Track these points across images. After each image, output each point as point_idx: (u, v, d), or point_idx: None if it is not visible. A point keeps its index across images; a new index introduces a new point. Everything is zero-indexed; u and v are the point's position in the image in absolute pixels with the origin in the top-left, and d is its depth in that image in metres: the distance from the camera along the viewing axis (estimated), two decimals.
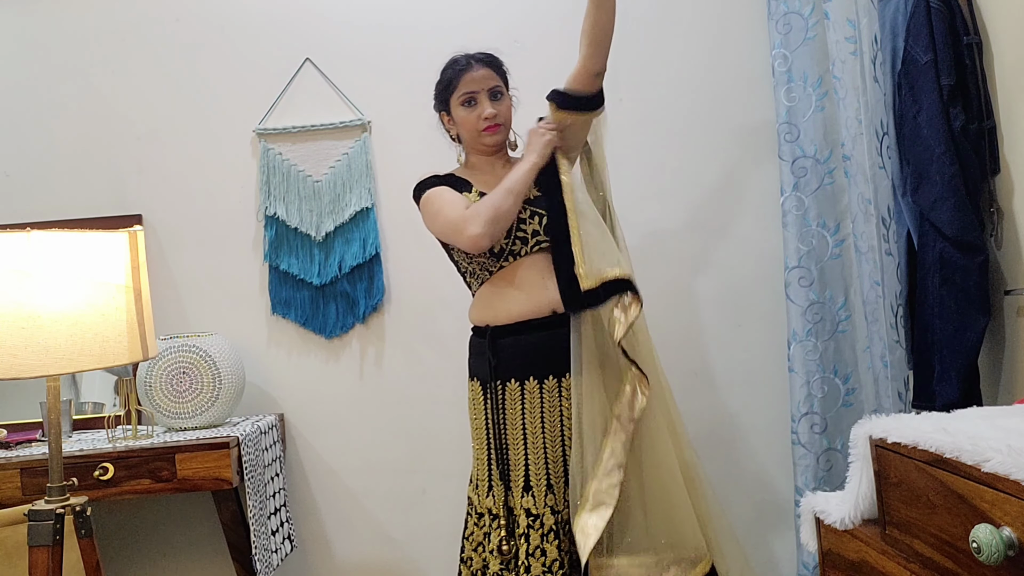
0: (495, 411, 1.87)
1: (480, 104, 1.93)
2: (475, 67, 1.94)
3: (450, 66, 1.98)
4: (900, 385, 2.05)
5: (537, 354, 1.85)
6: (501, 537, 1.81)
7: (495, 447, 1.86)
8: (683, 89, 2.58)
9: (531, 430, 1.84)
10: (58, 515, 1.54)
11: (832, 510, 1.39)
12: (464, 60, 1.96)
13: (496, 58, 1.99)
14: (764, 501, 2.53)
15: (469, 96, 1.94)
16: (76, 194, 2.62)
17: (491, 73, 1.95)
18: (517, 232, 1.88)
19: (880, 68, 2.07)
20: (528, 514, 1.80)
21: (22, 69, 2.65)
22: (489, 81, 1.94)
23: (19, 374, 1.47)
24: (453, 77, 1.95)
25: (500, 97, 1.96)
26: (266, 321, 2.61)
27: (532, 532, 1.79)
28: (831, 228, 2.32)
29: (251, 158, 2.63)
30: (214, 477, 2.14)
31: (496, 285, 1.92)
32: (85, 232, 1.55)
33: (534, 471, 1.82)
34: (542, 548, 1.77)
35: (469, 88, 1.93)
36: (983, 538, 0.95)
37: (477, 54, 1.97)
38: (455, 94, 1.95)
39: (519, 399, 1.85)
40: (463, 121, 1.96)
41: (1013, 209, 1.89)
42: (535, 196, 1.91)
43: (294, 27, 2.62)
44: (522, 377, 1.86)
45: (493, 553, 1.82)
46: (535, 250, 1.89)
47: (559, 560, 1.76)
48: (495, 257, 1.89)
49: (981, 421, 1.17)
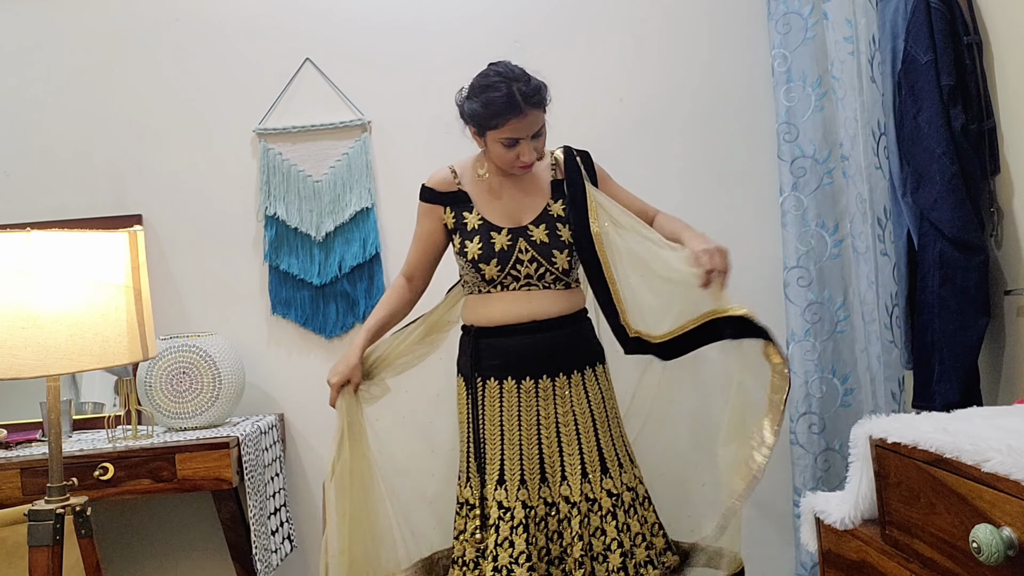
0: (474, 407, 1.90)
1: (521, 146, 1.82)
2: (526, 111, 1.78)
3: (494, 96, 1.78)
4: (894, 385, 2.05)
5: (515, 356, 1.86)
6: (476, 526, 1.85)
7: (473, 440, 1.90)
8: (683, 89, 2.58)
9: (508, 427, 1.86)
10: (58, 515, 1.54)
11: (832, 510, 1.39)
12: (515, 98, 1.76)
13: (544, 94, 1.83)
14: (762, 501, 2.53)
15: (512, 140, 1.81)
16: (76, 194, 2.62)
17: (539, 116, 1.82)
18: (511, 270, 1.87)
19: (878, 68, 2.07)
20: (500, 506, 1.83)
21: (22, 69, 2.65)
22: (535, 125, 1.82)
23: (19, 374, 1.47)
24: (500, 115, 1.78)
25: (540, 135, 1.85)
26: (266, 321, 2.61)
27: (502, 524, 1.82)
28: (830, 228, 2.32)
29: (251, 158, 2.63)
30: (214, 477, 2.15)
31: (484, 295, 1.92)
32: (85, 232, 1.55)
33: (509, 466, 1.85)
34: (510, 540, 1.80)
35: (515, 135, 1.80)
36: (983, 538, 0.95)
37: (529, 91, 1.78)
38: (496, 132, 1.81)
39: (497, 397, 1.88)
40: (499, 156, 1.85)
41: (1013, 209, 1.89)
42: (542, 242, 1.87)
43: (294, 27, 2.62)
44: (501, 377, 1.88)
45: (468, 541, 1.86)
46: (522, 289, 1.89)
47: (526, 552, 1.78)
48: (485, 282, 1.90)
49: (981, 421, 1.17)
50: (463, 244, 1.91)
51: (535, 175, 1.96)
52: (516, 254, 1.87)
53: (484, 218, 1.90)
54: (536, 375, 1.86)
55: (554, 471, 1.85)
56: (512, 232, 1.88)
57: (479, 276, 1.89)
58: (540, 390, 1.87)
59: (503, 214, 1.91)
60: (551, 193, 1.94)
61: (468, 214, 1.92)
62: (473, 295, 1.95)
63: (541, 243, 1.87)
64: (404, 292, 2.04)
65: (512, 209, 1.92)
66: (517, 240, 1.87)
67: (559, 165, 1.96)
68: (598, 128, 2.55)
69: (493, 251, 1.87)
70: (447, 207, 1.96)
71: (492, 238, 1.88)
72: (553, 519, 1.84)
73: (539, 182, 1.95)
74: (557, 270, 1.87)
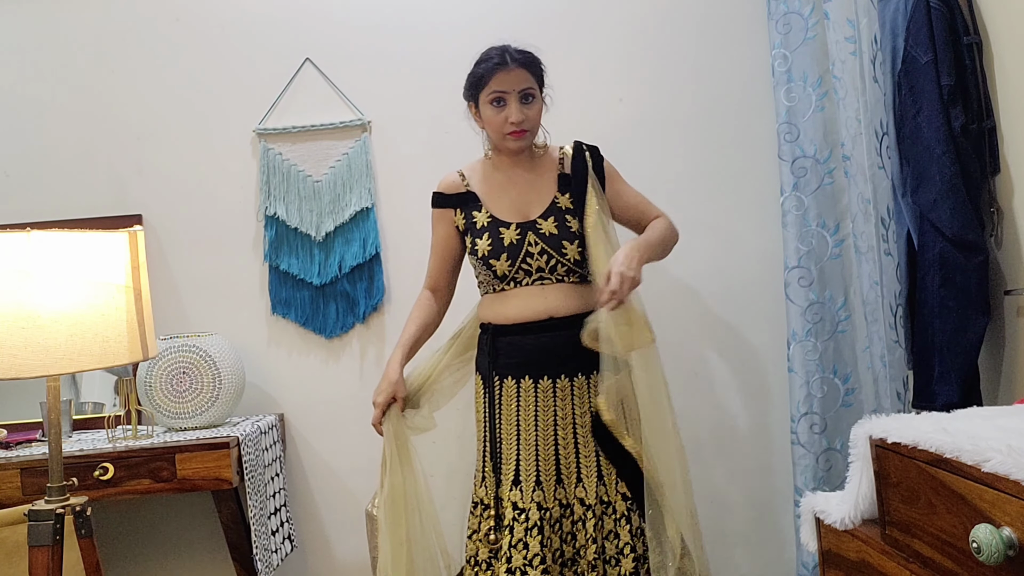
0: (491, 406, 1.89)
1: (509, 106, 1.85)
2: (510, 66, 1.84)
3: (485, 59, 1.87)
4: (899, 385, 2.05)
5: (533, 355, 1.86)
6: (490, 527, 1.84)
7: (490, 440, 1.89)
8: (683, 89, 2.58)
9: (524, 427, 1.86)
10: (58, 515, 1.54)
11: (832, 510, 1.39)
12: (499, 56, 1.86)
13: (534, 57, 1.90)
14: (764, 501, 2.53)
15: (498, 96, 1.85)
16: (76, 194, 2.62)
17: (526, 75, 1.86)
18: (522, 264, 1.87)
19: (880, 68, 2.07)
20: (515, 507, 1.83)
21: (22, 69, 2.65)
22: (522, 83, 1.85)
23: (19, 374, 1.47)
24: (485, 73, 1.85)
25: (531, 100, 1.88)
26: (266, 321, 2.61)
27: (516, 525, 1.81)
28: (831, 228, 2.32)
29: (251, 158, 2.63)
30: (214, 477, 2.14)
31: (499, 293, 1.93)
32: (85, 232, 1.55)
33: (524, 467, 1.85)
34: (525, 542, 1.79)
35: (500, 87, 1.84)
36: (983, 538, 0.95)
37: (515, 51, 1.87)
38: (485, 90, 1.86)
39: (515, 396, 1.87)
40: (489, 120, 1.89)
41: (1013, 209, 1.89)
42: (551, 234, 1.87)
43: (294, 27, 2.62)
44: (518, 375, 1.87)
45: (482, 541, 1.86)
46: (535, 283, 1.89)
47: (540, 555, 1.78)
48: (498, 279, 1.90)
49: (981, 421, 1.17)
50: (473, 242, 1.92)
51: (542, 169, 1.96)
52: (526, 247, 1.87)
53: (492, 215, 1.91)
54: (554, 375, 1.85)
55: (569, 472, 1.84)
56: (521, 227, 1.89)
57: (491, 273, 1.89)
58: (558, 390, 1.85)
59: (511, 209, 1.92)
60: (558, 187, 1.94)
61: (477, 213, 1.93)
62: (489, 294, 1.95)
63: (550, 235, 1.87)
64: (431, 304, 2.04)
65: (520, 204, 1.93)
66: (526, 234, 1.88)
67: (567, 159, 1.96)
68: (598, 128, 2.54)
69: (503, 246, 1.87)
70: (457, 209, 1.97)
71: (501, 234, 1.88)
72: (568, 521, 1.83)
73: (546, 176, 1.95)
74: (569, 261, 1.87)
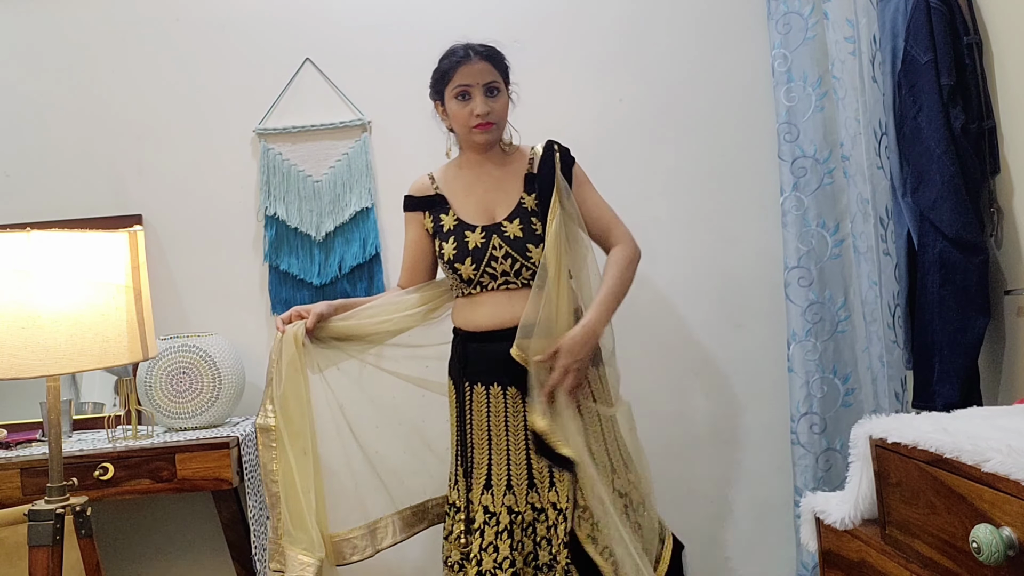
0: (461, 411, 1.91)
1: (474, 99, 1.87)
2: (473, 59, 1.86)
3: (448, 55, 1.90)
4: (897, 385, 2.05)
5: (500, 363, 1.81)
6: (461, 530, 1.85)
7: (461, 444, 1.90)
8: (683, 89, 2.58)
9: (495, 432, 1.86)
10: (58, 515, 1.54)
11: (832, 510, 1.39)
12: (463, 51, 1.88)
13: (496, 51, 1.92)
14: (764, 501, 2.53)
15: (463, 90, 1.87)
16: (76, 194, 2.62)
17: (489, 68, 1.88)
18: (487, 268, 1.86)
19: (879, 68, 2.07)
20: (486, 511, 1.83)
21: (22, 69, 2.65)
22: (486, 76, 1.87)
23: (19, 374, 1.47)
24: (449, 68, 1.88)
25: (496, 94, 1.89)
26: (266, 321, 2.61)
27: (487, 528, 1.81)
28: (831, 228, 2.32)
29: (251, 158, 2.63)
30: (214, 477, 2.14)
31: (469, 298, 1.93)
32: (85, 232, 1.55)
33: (496, 471, 1.85)
34: (495, 545, 1.80)
35: (464, 81, 1.86)
36: (983, 538, 0.95)
37: (478, 45, 1.90)
38: (449, 85, 1.88)
39: (484, 402, 1.87)
40: (455, 115, 1.90)
41: (1013, 209, 1.89)
42: (515, 237, 1.86)
43: (294, 27, 2.62)
44: (487, 382, 1.87)
45: (454, 544, 1.87)
46: (501, 288, 1.88)
47: (510, 558, 1.78)
48: (465, 283, 1.90)
49: (981, 421, 1.17)
50: (440, 246, 1.92)
51: (511, 168, 1.95)
52: (490, 251, 1.86)
53: (459, 218, 1.92)
54: (521, 383, 1.81)
55: (542, 477, 1.82)
56: (486, 230, 1.88)
57: (457, 277, 1.90)
58: (526, 397, 1.82)
59: (478, 211, 1.92)
60: (525, 186, 1.92)
61: (445, 216, 1.93)
62: (460, 298, 1.95)
63: (515, 238, 1.86)
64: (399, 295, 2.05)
65: (487, 203, 1.92)
66: (491, 237, 1.87)
67: (537, 158, 1.93)
68: (598, 128, 2.55)
69: (467, 250, 1.87)
70: (426, 212, 1.98)
71: (466, 237, 1.88)
72: (542, 525, 1.82)
73: (514, 175, 1.94)
74: (533, 265, 1.85)
